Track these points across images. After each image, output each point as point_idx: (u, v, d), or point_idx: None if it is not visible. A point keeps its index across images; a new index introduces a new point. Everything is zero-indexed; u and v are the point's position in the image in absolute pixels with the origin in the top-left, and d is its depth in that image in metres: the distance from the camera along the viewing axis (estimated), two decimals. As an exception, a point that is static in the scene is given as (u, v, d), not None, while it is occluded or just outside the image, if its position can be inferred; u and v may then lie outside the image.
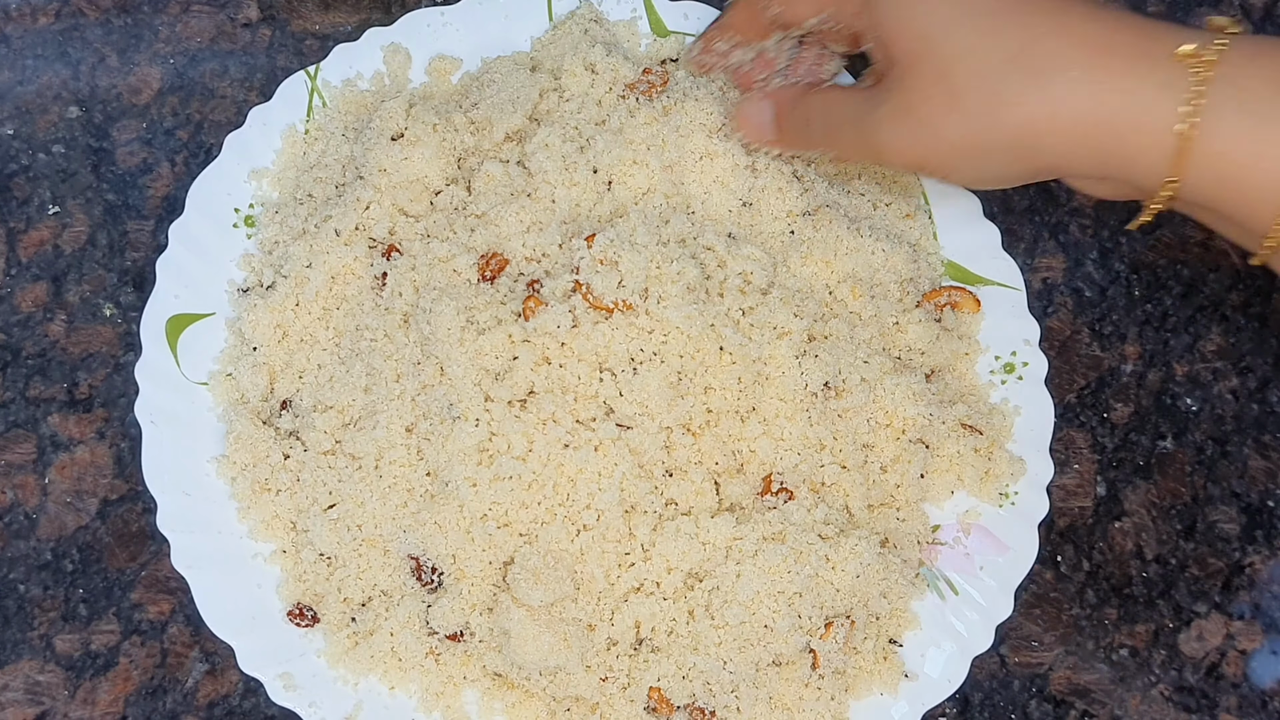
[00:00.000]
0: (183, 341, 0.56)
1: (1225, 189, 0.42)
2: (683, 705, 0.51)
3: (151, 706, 0.54)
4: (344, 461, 0.52)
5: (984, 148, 0.45)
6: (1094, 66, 0.43)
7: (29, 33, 0.65)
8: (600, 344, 0.50)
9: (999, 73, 0.44)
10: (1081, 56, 0.43)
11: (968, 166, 0.47)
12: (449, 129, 0.57)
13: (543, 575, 0.49)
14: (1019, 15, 0.44)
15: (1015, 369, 0.57)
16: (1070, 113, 0.43)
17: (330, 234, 0.55)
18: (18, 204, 0.61)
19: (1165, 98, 0.42)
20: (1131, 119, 0.42)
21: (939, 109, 0.45)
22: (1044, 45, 0.43)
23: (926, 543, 0.55)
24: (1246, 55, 0.42)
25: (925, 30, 0.45)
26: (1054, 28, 0.43)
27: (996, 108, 0.44)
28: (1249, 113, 0.41)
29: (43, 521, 0.56)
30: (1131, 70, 0.42)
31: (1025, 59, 0.43)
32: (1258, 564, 0.57)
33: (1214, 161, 0.42)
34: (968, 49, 0.44)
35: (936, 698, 0.52)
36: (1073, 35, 0.43)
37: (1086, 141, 0.43)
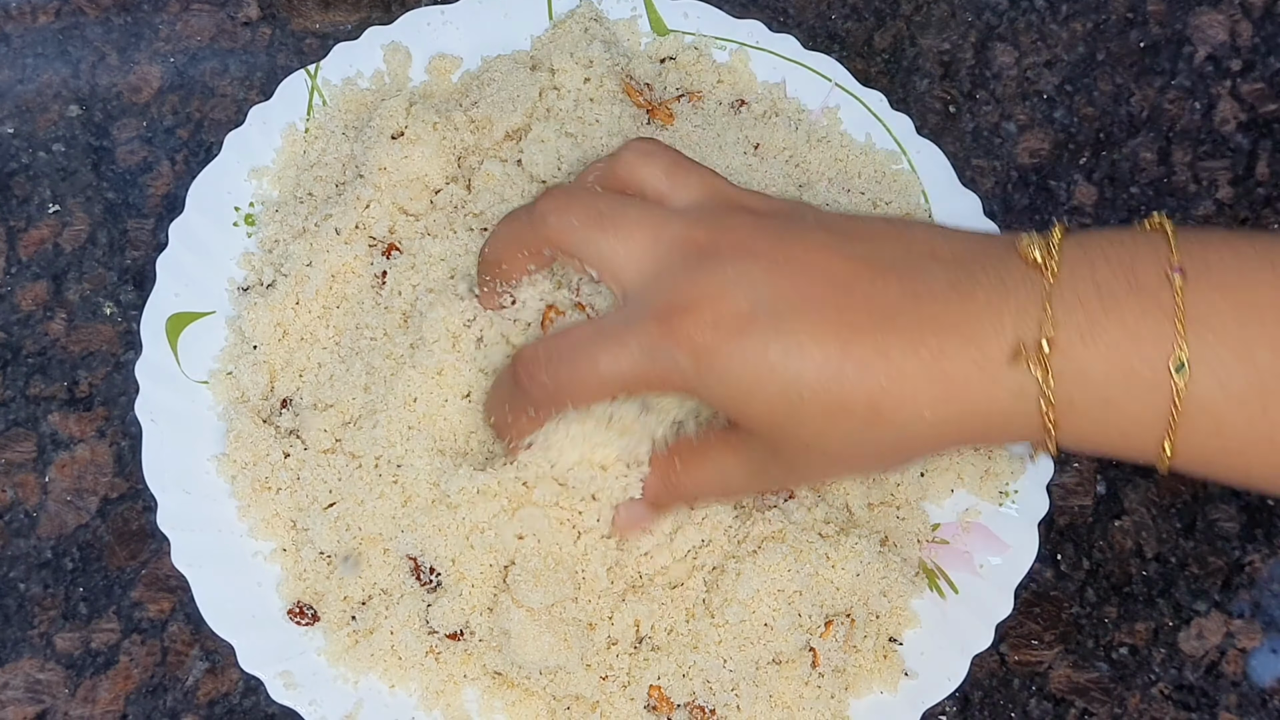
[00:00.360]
0: (183, 340, 0.56)
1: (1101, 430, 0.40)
2: (683, 703, 0.51)
3: (152, 705, 0.54)
4: (344, 460, 0.52)
5: (883, 470, 0.47)
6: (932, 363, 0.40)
7: (29, 31, 0.65)
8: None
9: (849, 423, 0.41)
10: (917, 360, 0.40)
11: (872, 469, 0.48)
12: (449, 127, 0.57)
13: (543, 577, 0.49)
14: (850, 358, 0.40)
15: (1015, 367, 0.57)
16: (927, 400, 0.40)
17: (330, 232, 0.55)
18: (18, 202, 0.61)
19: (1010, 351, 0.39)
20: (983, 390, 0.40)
21: (823, 468, 0.45)
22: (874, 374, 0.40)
23: (926, 541, 0.55)
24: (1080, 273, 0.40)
25: (774, 408, 0.41)
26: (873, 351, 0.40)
27: (864, 468, 0.45)
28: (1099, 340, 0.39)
29: (43, 520, 0.56)
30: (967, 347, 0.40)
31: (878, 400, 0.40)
32: (1257, 562, 0.57)
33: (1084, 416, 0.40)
34: (817, 428, 0.41)
35: (936, 696, 0.52)
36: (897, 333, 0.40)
37: (949, 425, 0.41)
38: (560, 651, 0.49)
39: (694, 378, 0.41)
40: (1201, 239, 0.40)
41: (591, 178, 0.47)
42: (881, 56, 0.67)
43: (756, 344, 0.40)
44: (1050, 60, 0.67)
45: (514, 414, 0.47)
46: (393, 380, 0.51)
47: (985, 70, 0.67)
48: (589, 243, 0.44)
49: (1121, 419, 0.40)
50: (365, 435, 0.52)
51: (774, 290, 0.41)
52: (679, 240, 0.43)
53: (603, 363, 0.43)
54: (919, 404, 0.40)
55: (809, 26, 0.67)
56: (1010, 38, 0.67)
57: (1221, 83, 0.67)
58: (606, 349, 0.43)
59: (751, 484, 0.47)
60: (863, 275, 0.41)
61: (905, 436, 0.41)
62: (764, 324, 0.40)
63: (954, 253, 0.42)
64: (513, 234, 0.47)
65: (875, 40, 0.67)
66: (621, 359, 0.42)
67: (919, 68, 0.66)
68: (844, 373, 0.40)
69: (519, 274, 0.48)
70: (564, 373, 0.44)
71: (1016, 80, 0.66)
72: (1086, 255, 0.40)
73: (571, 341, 0.44)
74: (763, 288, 0.41)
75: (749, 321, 0.40)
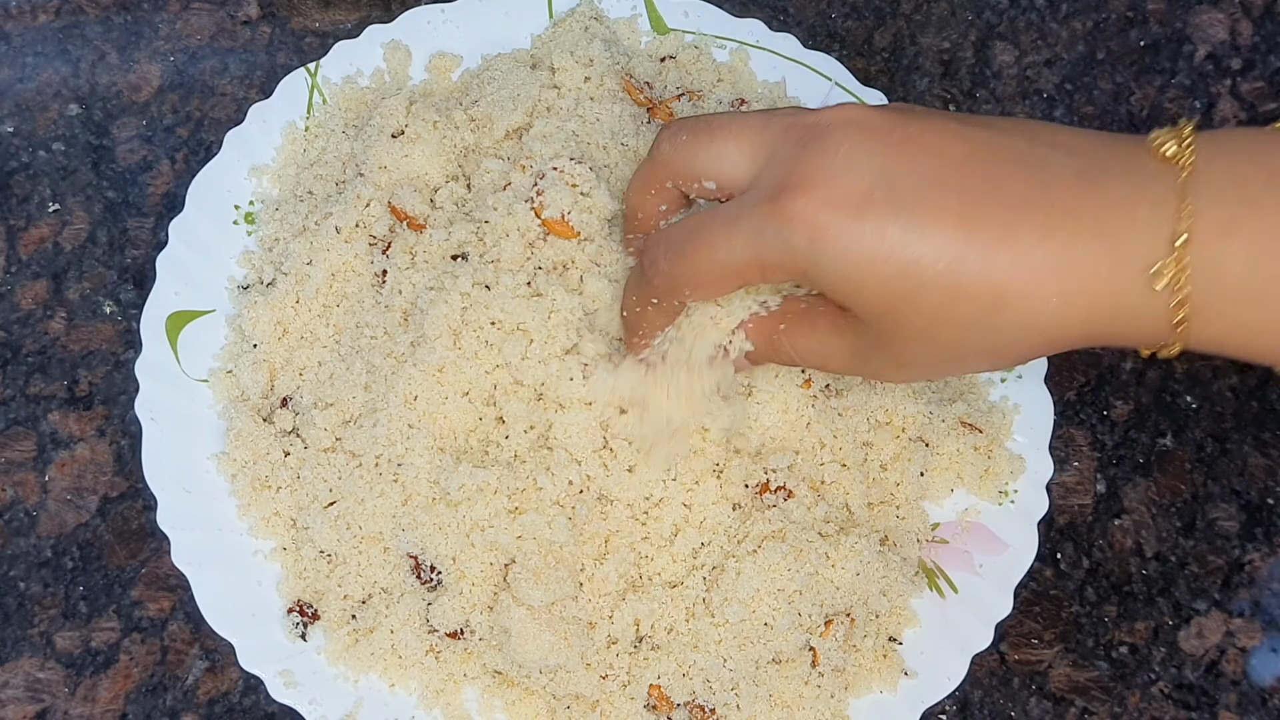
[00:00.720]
0: (183, 338, 0.56)
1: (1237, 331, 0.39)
2: (683, 703, 0.51)
3: (152, 704, 0.54)
4: (344, 459, 0.52)
5: (991, 369, 0.44)
6: (1068, 241, 0.38)
7: (29, 30, 0.65)
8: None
9: (974, 316, 0.39)
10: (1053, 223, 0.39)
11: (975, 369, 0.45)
12: (449, 126, 0.57)
13: (544, 575, 0.49)
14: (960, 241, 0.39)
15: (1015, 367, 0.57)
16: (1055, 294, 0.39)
17: (330, 231, 0.55)
18: (18, 201, 0.61)
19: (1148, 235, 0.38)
20: (1113, 272, 0.38)
21: (930, 362, 0.42)
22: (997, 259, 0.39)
23: (926, 540, 0.55)
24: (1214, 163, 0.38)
25: (890, 291, 0.40)
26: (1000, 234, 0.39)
27: (974, 364, 0.42)
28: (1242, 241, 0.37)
29: (43, 519, 0.56)
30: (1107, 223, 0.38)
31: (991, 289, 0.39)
32: (1257, 561, 0.57)
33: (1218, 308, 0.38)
34: (934, 314, 0.40)
35: (936, 695, 0.52)
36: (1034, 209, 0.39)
37: (1076, 317, 0.39)
38: (560, 650, 0.49)
39: (808, 259, 0.40)
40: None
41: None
42: (881, 55, 0.67)
43: (874, 224, 0.39)
44: (1050, 59, 0.67)
45: (641, 304, 0.46)
46: (393, 378, 0.51)
47: (985, 69, 0.67)
48: (700, 153, 0.43)
49: (1254, 318, 0.38)
50: (365, 434, 0.52)
51: (892, 169, 0.39)
52: (787, 125, 0.42)
53: (718, 246, 0.42)
54: (1045, 294, 0.38)
55: (809, 25, 0.67)
56: (1010, 36, 0.67)
57: (1221, 81, 0.67)
58: (721, 232, 0.41)
59: (850, 366, 0.45)
60: (986, 159, 0.40)
61: (1025, 329, 0.40)
62: (881, 203, 0.39)
63: (1080, 145, 0.40)
64: (639, 178, 0.46)
65: (875, 39, 0.67)
66: (735, 241, 0.41)
67: (919, 66, 0.66)
68: (967, 256, 0.38)
69: (654, 218, 0.47)
70: (682, 257, 0.43)
71: (1016, 79, 0.66)
72: (1223, 150, 0.39)
73: (689, 228, 0.43)
74: (879, 166, 0.39)
75: (866, 201, 0.39)
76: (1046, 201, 0.39)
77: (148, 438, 0.54)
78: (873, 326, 0.42)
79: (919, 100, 0.65)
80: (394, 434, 0.51)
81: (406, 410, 0.51)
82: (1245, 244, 0.37)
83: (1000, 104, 0.66)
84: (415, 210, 0.55)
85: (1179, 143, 0.39)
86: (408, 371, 0.51)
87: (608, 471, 0.50)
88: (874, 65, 0.66)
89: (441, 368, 0.51)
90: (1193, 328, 0.39)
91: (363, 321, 0.54)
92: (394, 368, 0.52)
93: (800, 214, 0.39)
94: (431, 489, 0.51)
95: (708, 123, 0.44)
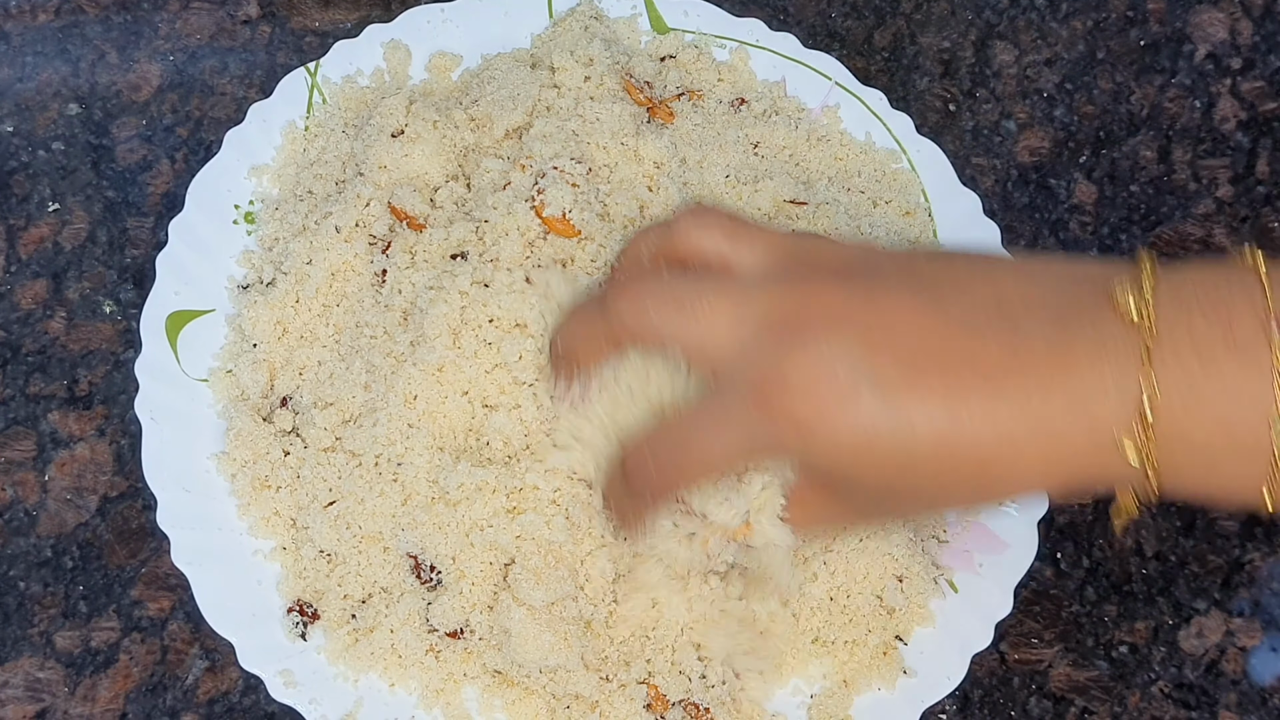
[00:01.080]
0: (183, 338, 0.56)
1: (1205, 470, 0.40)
2: (677, 701, 0.51)
3: (151, 703, 0.54)
4: (344, 458, 0.52)
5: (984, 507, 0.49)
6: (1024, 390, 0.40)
7: (29, 30, 0.65)
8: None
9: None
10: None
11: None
12: (449, 126, 0.56)
13: (544, 575, 0.49)
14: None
15: (1015, 366, 0.57)
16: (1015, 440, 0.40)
17: (330, 231, 0.55)
18: (17, 201, 0.61)
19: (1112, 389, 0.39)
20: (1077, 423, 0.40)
21: (926, 510, 0.48)
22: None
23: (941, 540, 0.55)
24: (1175, 304, 0.39)
25: (884, 469, 0.41)
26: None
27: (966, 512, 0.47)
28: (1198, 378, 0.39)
29: (42, 518, 0.56)
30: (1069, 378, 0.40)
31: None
32: (1257, 561, 0.57)
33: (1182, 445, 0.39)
34: (924, 489, 0.42)
35: (936, 695, 0.52)
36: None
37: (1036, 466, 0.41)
38: (560, 650, 0.49)
39: (801, 453, 0.42)
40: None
41: (646, 251, 0.47)
42: (881, 55, 0.67)
43: (865, 416, 0.40)
44: (1050, 58, 0.67)
45: (634, 508, 0.47)
46: (393, 378, 0.51)
47: (985, 68, 0.67)
48: (669, 331, 0.44)
49: (1223, 477, 0.40)
50: (365, 433, 0.52)
51: (873, 359, 0.40)
52: (763, 316, 0.42)
53: (706, 452, 0.43)
54: (1028, 466, 0.40)
55: (809, 25, 0.67)
56: (1010, 36, 0.67)
57: (1221, 81, 0.67)
58: (708, 439, 0.43)
59: (846, 521, 0.49)
60: (959, 335, 0.41)
61: (1011, 489, 0.43)
62: (868, 395, 0.40)
63: (1047, 304, 0.41)
64: (586, 329, 0.47)
65: (875, 38, 0.67)
66: (726, 445, 0.43)
67: (919, 66, 0.66)
68: (954, 437, 0.40)
69: (595, 364, 0.48)
70: (670, 469, 0.44)
71: (1016, 78, 0.66)
72: (1183, 306, 0.40)
73: (674, 439, 0.44)
74: (861, 357, 0.40)
75: (852, 394, 0.40)
76: (1022, 377, 0.40)
77: (148, 437, 0.54)
78: (868, 493, 0.43)
79: (919, 100, 0.65)
80: (394, 433, 0.51)
81: (406, 410, 0.51)
82: (1208, 415, 0.39)
83: (1000, 103, 0.66)
84: (415, 210, 0.55)
85: (1140, 301, 0.40)
86: (407, 371, 0.51)
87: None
88: (874, 65, 0.66)
89: (441, 367, 0.51)
90: (1166, 487, 0.40)
91: (362, 321, 0.54)
92: (394, 367, 0.52)
93: (792, 415, 0.41)
94: (431, 488, 0.51)
95: (676, 301, 0.44)
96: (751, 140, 0.59)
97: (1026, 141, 0.65)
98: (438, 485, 0.50)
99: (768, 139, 0.60)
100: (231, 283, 0.57)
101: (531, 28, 0.62)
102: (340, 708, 0.51)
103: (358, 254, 0.55)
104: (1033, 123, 0.65)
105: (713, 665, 0.51)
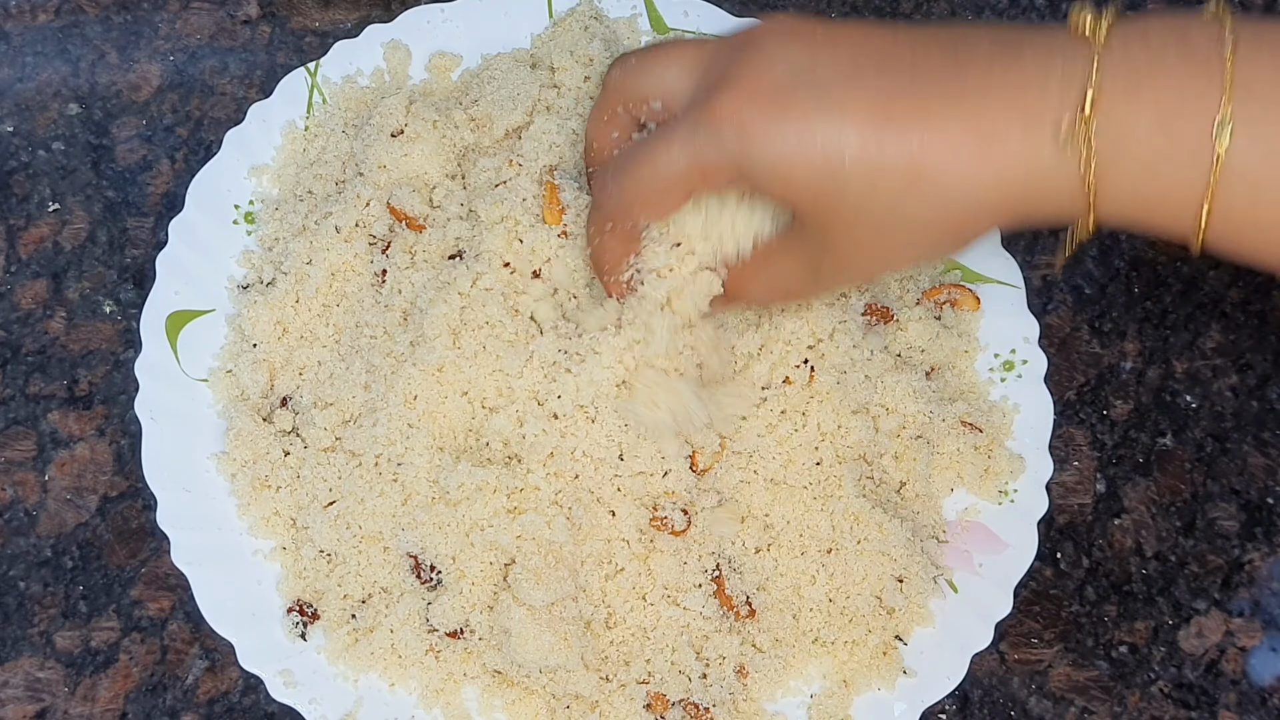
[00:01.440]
0: (183, 338, 0.56)
1: (1142, 200, 0.40)
2: (677, 701, 0.51)
3: (151, 703, 0.54)
4: (344, 458, 0.52)
5: (931, 255, 0.47)
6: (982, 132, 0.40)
7: (29, 30, 0.65)
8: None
9: (900, 206, 0.41)
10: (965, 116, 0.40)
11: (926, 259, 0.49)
12: (449, 126, 0.57)
13: (544, 575, 0.49)
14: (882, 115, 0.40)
15: (1015, 366, 0.57)
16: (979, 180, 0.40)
17: (330, 230, 0.55)
18: (18, 201, 0.61)
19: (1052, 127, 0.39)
20: (1027, 163, 0.40)
21: (872, 253, 0.44)
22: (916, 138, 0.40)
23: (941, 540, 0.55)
24: (1131, 42, 0.39)
25: (817, 180, 0.42)
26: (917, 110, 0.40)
27: (912, 247, 0.43)
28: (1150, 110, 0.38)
29: (43, 518, 0.56)
30: (1011, 115, 0.40)
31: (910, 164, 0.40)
32: (1257, 561, 0.57)
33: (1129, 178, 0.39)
34: (861, 197, 0.41)
35: (936, 695, 0.52)
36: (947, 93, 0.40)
37: (1003, 202, 0.41)
38: (560, 651, 0.49)
39: (740, 154, 0.42)
40: (1259, 20, 0.40)
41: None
42: (881, 55, 0.67)
43: (797, 115, 0.41)
44: (1050, 59, 0.67)
45: (598, 233, 0.48)
46: (393, 378, 0.51)
47: (985, 69, 0.67)
48: (645, 74, 0.46)
49: (1160, 184, 0.39)
50: (365, 433, 0.52)
51: (813, 63, 0.41)
52: (723, 41, 0.44)
53: (658, 156, 0.44)
54: (960, 165, 0.40)
55: (809, 25, 0.67)
56: (1010, 36, 0.67)
57: (1221, 81, 0.67)
58: (660, 143, 0.44)
59: (807, 284, 0.47)
60: (903, 44, 0.41)
61: (947, 201, 0.41)
62: (804, 95, 0.41)
63: (1003, 29, 0.42)
64: (595, 109, 0.49)
65: (875, 39, 0.67)
66: (674, 149, 0.43)
67: (919, 66, 0.66)
68: (884, 134, 0.40)
69: (608, 147, 0.49)
70: (627, 177, 0.45)
71: (1016, 79, 0.66)
72: (1139, 23, 0.40)
73: (633, 147, 0.46)
74: (802, 60, 0.41)
75: (789, 93, 0.41)
76: (960, 78, 0.40)
77: (148, 437, 0.54)
78: (810, 227, 0.43)
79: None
80: (394, 433, 0.51)
81: (406, 410, 0.51)
82: (1151, 103, 0.38)
83: (1000, 103, 0.66)
84: (414, 210, 0.55)
85: (1095, 18, 0.40)
86: (407, 371, 0.51)
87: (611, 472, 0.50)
88: (874, 65, 0.66)
89: (441, 367, 0.51)
90: (1103, 192, 0.40)
91: (362, 321, 0.54)
92: (393, 367, 0.52)
93: (727, 110, 0.42)
94: (431, 488, 0.51)
95: (654, 47, 0.47)
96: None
97: (1026, 141, 0.65)
98: (438, 485, 0.50)
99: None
100: (231, 283, 0.57)
101: (531, 28, 0.62)
102: (340, 708, 0.51)
103: (358, 254, 0.55)
104: (1033, 123, 0.65)
105: (713, 664, 0.51)
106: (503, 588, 0.50)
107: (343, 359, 0.54)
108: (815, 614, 0.52)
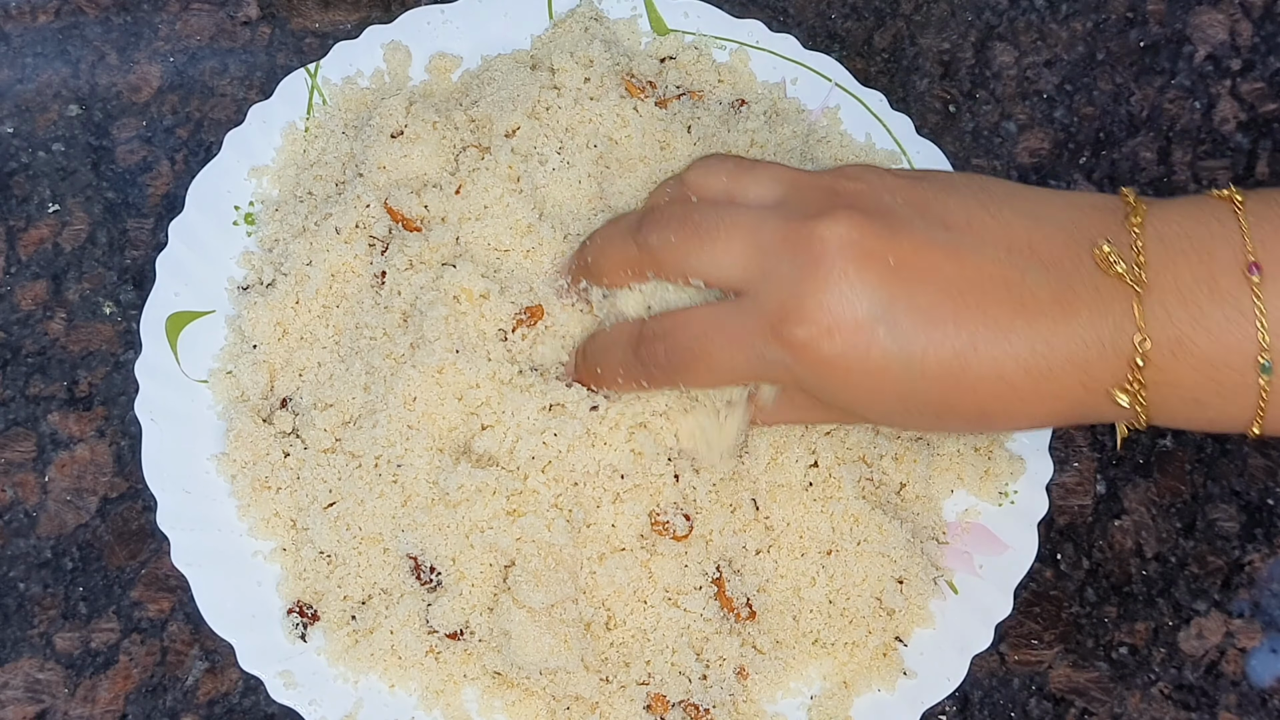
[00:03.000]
0: (183, 339, 0.56)
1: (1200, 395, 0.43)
2: (677, 702, 0.51)
3: (151, 704, 0.54)
4: (344, 459, 0.52)
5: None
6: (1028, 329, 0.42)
7: (29, 31, 0.65)
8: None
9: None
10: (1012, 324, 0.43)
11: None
12: (449, 127, 0.57)
13: (544, 577, 0.49)
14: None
15: (1015, 367, 0.57)
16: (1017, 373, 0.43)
17: (330, 232, 0.55)
18: (17, 202, 0.61)
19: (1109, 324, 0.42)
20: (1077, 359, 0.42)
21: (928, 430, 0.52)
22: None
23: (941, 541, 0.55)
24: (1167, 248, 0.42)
25: (889, 411, 0.45)
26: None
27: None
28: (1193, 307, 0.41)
29: (42, 519, 0.56)
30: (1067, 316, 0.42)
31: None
32: (1257, 562, 0.57)
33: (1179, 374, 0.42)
34: (922, 425, 0.47)
35: (936, 696, 0.52)
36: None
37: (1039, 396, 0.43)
38: (560, 653, 0.49)
39: (811, 383, 0.44)
40: (1273, 223, 0.42)
41: (664, 199, 0.49)
42: (881, 56, 0.67)
43: (878, 360, 0.42)
44: (1050, 60, 0.67)
45: (626, 377, 0.48)
46: (392, 379, 0.51)
47: (985, 70, 0.67)
48: (691, 256, 0.45)
49: (1210, 412, 0.43)
50: (365, 434, 0.52)
51: (892, 301, 0.42)
52: (780, 239, 0.44)
53: (721, 359, 0.45)
54: (1027, 411, 0.43)
55: (809, 26, 0.67)
56: (1010, 37, 0.67)
57: (1221, 82, 0.67)
58: (726, 348, 0.45)
59: (836, 420, 0.51)
60: (973, 281, 0.42)
61: (1004, 427, 0.47)
62: (885, 340, 0.42)
63: (1050, 251, 0.43)
64: (617, 251, 0.48)
65: (875, 40, 0.67)
66: (738, 358, 0.44)
67: (919, 67, 0.66)
68: (959, 383, 0.42)
69: (615, 286, 0.49)
70: (682, 357, 0.46)
71: (1016, 80, 0.66)
72: (1168, 254, 0.42)
73: (694, 330, 0.45)
74: (881, 298, 0.42)
75: (870, 337, 0.42)
76: (1029, 331, 0.42)
77: (148, 438, 0.54)
78: (867, 415, 0.46)
79: (919, 101, 0.65)
80: (393, 435, 0.51)
81: (406, 411, 0.51)
82: (1193, 363, 0.41)
83: (1000, 104, 0.66)
84: (412, 212, 0.55)
85: (1126, 256, 0.42)
86: (407, 373, 0.51)
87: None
88: (874, 66, 0.66)
89: (441, 369, 0.51)
90: (1157, 422, 0.43)
91: (362, 322, 0.54)
92: (393, 369, 0.52)
93: (805, 345, 0.42)
94: (431, 490, 0.51)
95: (696, 225, 0.45)
96: (752, 142, 0.59)
97: (1026, 143, 0.65)
98: (438, 487, 0.50)
99: (768, 140, 0.60)
100: (231, 284, 0.57)
101: (531, 29, 0.62)
102: (340, 709, 0.51)
103: (357, 255, 0.55)
104: (1033, 124, 0.65)
105: (713, 666, 0.51)
106: (503, 589, 0.50)
107: (342, 360, 0.54)
108: (815, 615, 0.52)
